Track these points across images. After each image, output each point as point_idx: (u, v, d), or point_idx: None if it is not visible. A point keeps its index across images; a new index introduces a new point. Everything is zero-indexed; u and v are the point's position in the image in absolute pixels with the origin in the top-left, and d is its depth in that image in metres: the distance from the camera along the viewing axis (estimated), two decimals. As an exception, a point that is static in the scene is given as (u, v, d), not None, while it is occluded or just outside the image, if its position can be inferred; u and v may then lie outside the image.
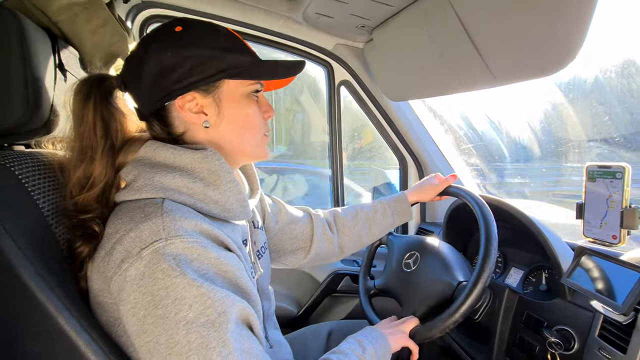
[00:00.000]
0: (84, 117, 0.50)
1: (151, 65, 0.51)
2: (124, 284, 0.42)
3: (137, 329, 0.42)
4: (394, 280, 0.93)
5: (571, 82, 1.16)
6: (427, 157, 1.37)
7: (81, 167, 0.50)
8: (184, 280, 0.41)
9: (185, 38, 0.52)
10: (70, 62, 0.65)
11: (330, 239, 0.90)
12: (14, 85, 0.49)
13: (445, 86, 1.00)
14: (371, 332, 0.69)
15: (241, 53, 0.55)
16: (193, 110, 0.54)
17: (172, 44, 0.51)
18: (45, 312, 0.41)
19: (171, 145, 0.52)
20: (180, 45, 0.51)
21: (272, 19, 1.11)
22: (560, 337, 0.70)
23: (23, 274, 0.41)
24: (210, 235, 0.48)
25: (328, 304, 1.38)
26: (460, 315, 0.68)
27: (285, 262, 0.88)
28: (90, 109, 0.51)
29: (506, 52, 0.74)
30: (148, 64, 0.51)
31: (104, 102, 0.52)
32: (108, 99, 0.53)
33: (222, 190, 0.52)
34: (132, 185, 0.49)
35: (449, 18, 0.78)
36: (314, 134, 2.48)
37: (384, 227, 0.94)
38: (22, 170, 0.48)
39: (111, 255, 0.44)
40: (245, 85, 0.56)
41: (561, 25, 0.63)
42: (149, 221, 0.44)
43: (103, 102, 0.52)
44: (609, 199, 0.72)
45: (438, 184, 0.93)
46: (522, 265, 0.96)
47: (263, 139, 0.61)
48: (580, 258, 0.73)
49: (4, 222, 0.41)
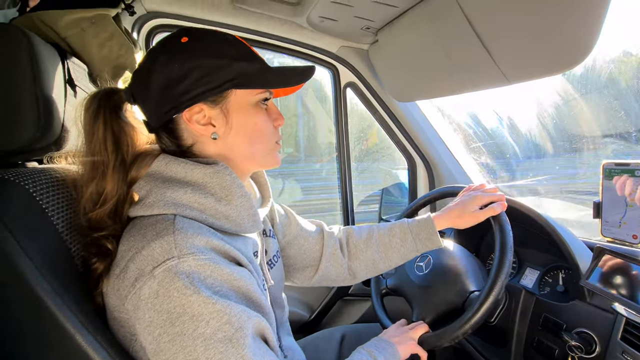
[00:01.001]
0: (95, 133, 0.51)
1: (158, 77, 0.51)
2: (139, 302, 0.42)
3: (154, 348, 0.42)
4: (405, 282, 0.92)
5: (584, 76, 1.13)
6: (437, 157, 1.35)
7: (93, 183, 0.50)
8: (199, 298, 0.41)
9: (191, 48, 0.52)
10: (79, 77, 0.66)
11: (339, 261, 0.82)
12: (26, 103, 0.50)
13: (453, 86, 0.98)
14: (380, 342, 0.70)
15: (249, 61, 0.54)
16: (201, 122, 0.53)
17: (178, 55, 0.51)
18: (62, 329, 0.42)
19: (183, 160, 0.52)
20: (186, 57, 0.51)
21: (277, 24, 1.11)
22: (580, 340, 0.68)
23: (39, 291, 0.41)
24: (221, 251, 0.48)
25: (340, 307, 1.37)
26: (471, 326, 0.68)
27: (292, 278, 0.84)
28: (101, 124, 0.51)
29: (517, 51, 0.73)
30: (155, 77, 0.51)
31: (113, 116, 0.52)
32: (118, 113, 0.53)
33: (234, 206, 0.52)
34: (144, 201, 0.50)
35: (457, 18, 0.77)
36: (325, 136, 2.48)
37: (404, 253, 0.80)
38: (36, 187, 0.49)
39: (125, 273, 0.44)
40: (254, 94, 0.55)
41: (574, 22, 0.62)
42: (161, 239, 0.44)
43: (113, 117, 0.52)
44: (628, 198, 0.70)
45: (480, 212, 0.77)
46: (537, 265, 0.94)
47: (274, 147, 0.60)
48: (599, 259, 0.71)
49: (20, 240, 0.42)
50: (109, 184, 0.50)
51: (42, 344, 0.42)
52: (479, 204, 0.78)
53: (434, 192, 0.98)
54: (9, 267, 0.40)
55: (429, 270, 0.89)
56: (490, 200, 0.78)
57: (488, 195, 0.79)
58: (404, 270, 0.95)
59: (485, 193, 0.80)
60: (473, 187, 0.84)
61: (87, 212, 0.50)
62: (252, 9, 1.04)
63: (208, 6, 1.06)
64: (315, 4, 0.94)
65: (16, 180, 0.47)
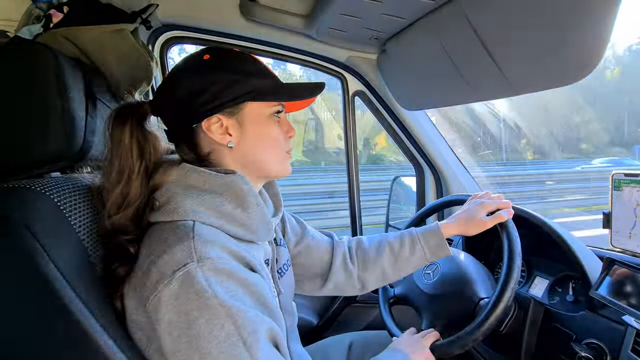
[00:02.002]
0: (122, 141, 0.54)
1: (182, 90, 0.56)
2: (159, 304, 0.44)
3: (172, 348, 0.44)
4: (414, 290, 0.92)
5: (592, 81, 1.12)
6: (444, 165, 1.36)
7: (119, 187, 0.53)
8: (216, 301, 0.43)
9: (212, 65, 0.57)
10: (99, 90, 0.69)
11: (349, 271, 0.83)
12: (52, 117, 0.52)
13: (460, 96, 0.99)
14: (395, 353, 0.70)
15: (264, 77, 0.59)
16: (219, 131, 0.57)
17: (200, 70, 0.56)
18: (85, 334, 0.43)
19: (202, 169, 0.55)
20: (207, 72, 0.56)
21: (287, 35, 1.14)
22: (590, 351, 0.68)
23: (65, 298, 0.43)
24: (237, 256, 0.50)
25: (348, 314, 1.37)
26: (482, 333, 0.68)
27: (301, 287, 0.85)
28: (127, 132, 0.55)
29: (524, 62, 0.74)
30: (179, 89, 0.56)
31: (139, 126, 0.56)
32: (142, 123, 0.57)
33: (249, 214, 0.54)
34: (165, 207, 0.52)
35: (464, 29, 0.78)
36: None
37: (414, 263, 0.80)
38: (60, 196, 0.51)
39: (148, 276, 0.46)
40: (268, 107, 0.60)
41: (582, 33, 0.62)
42: (181, 244, 0.47)
43: (138, 126, 0.56)
44: (637, 208, 0.70)
45: (488, 219, 0.77)
46: (546, 274, 0.93)
47: (285, 157, 0.64)
48: (609, 269, 0.71)
49: (48, 249, 0.44)
50: (133, 187, 0.53)
51: (67, 349, 0.44)
52: (486, 211, 0.79)
53: (442, 200, 0.99)
54: (38, 276, 0.42)
55: (437, 279, 0.90)
56: (497, 207, 0.80)
57: (495, 202, 0.80)
58: (411, 278, 0.95)
59: (492, 200, 0.81)
60: (479, 195, 0.85)
61: (111, 214, 0.53)
62: (264, 21, 1.07)
63: (220, 19, 1.09)
64: (325, 16, 0.96)
65: (42, 190, 0.49)
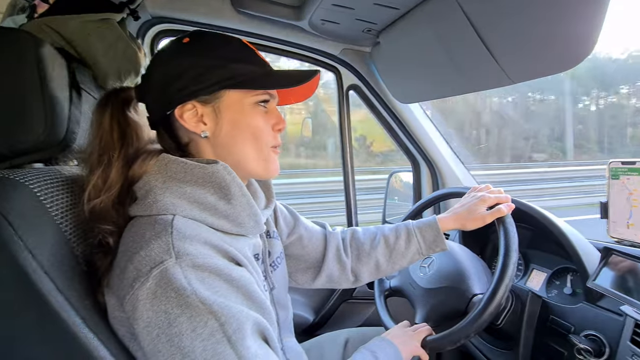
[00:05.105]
0: (102, 123, 0.53)
1: (158, 74, 0.55)
2: (137, 303, 0.42)
3: (152, 348, 0.42)
4: (409, 283, 0.91)
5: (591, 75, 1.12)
6: (440, 159, 1.35)
7: (99, 169, 0.51)
8: (196, 299, 0.41)
9: (190, 49, 0.55)
10: (84, 80, 0.67)
11: (342, 262, 0.81)
12: (33, 107, 0.51)
13: (455, 87, 0.98)
14: (382, 343, 0.69)
15: (248, 63, 0.55)
16: (193, 120, 0.54)
17: (177, 55, 0.54)
18: (65, 327, 0.42)
19: (182, 160, 0.52)
20: (184, 56, 0.54)
21: (279, 27, 1.12)
22: (589, 343, 0.67)
23: (42, 289, 0.41)
24: (220, 251, 0.47)
25: (344, 310, 1.36)
26: (474, 330, 0.67)
27: (295, 280, 0.83)
28: (107, 114, 0.53)
29: (519, 50, 0.72)
30: (156, 74, 0.55)
31: (120, 109, 0.55)
32: (125, 108, 0.55)
33: (234, 205, 0.52)
34: (144, 201, 0.50)
35: (458, 19, 0.77)
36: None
37: (409, 256, 0.78)
38: (41, 187, 0.49)
39: (124, 273, 0.44)
40: (250, 95, 0.56)
41: (576, 20, 0.61)
42: (159, 239, 0.44)
43: (120, 110, 0.55)
44: (631, 197, 0.69)
45: (487, 213, 0.75)
46: (544, 267, 0.92)
47: (270, 153, 0.58)
48: (607, 259, 0.70)
49: (24, 239, 0.42)
50: (113, 171, 0.51)
51: (44, 342, 0.42)
52: (486, 205, 0.76)
53: (440, 192, 0.97)
54: (13, 265, 0.41)
55: (432, 272, 0.88)
56: (496, 201, 0.77)
57: (494, 196, 0.78)
58: (407, 271, 0.94)
59: (491, 194, 0.79)
60: (478, 188, 0.83)
61: (91, 198, 0.50)
62: (254, 12, 1.05)
63: (211, 11, 1.07)
64: (317, 7, 0.94)
65: (21, 180, 0.47)
